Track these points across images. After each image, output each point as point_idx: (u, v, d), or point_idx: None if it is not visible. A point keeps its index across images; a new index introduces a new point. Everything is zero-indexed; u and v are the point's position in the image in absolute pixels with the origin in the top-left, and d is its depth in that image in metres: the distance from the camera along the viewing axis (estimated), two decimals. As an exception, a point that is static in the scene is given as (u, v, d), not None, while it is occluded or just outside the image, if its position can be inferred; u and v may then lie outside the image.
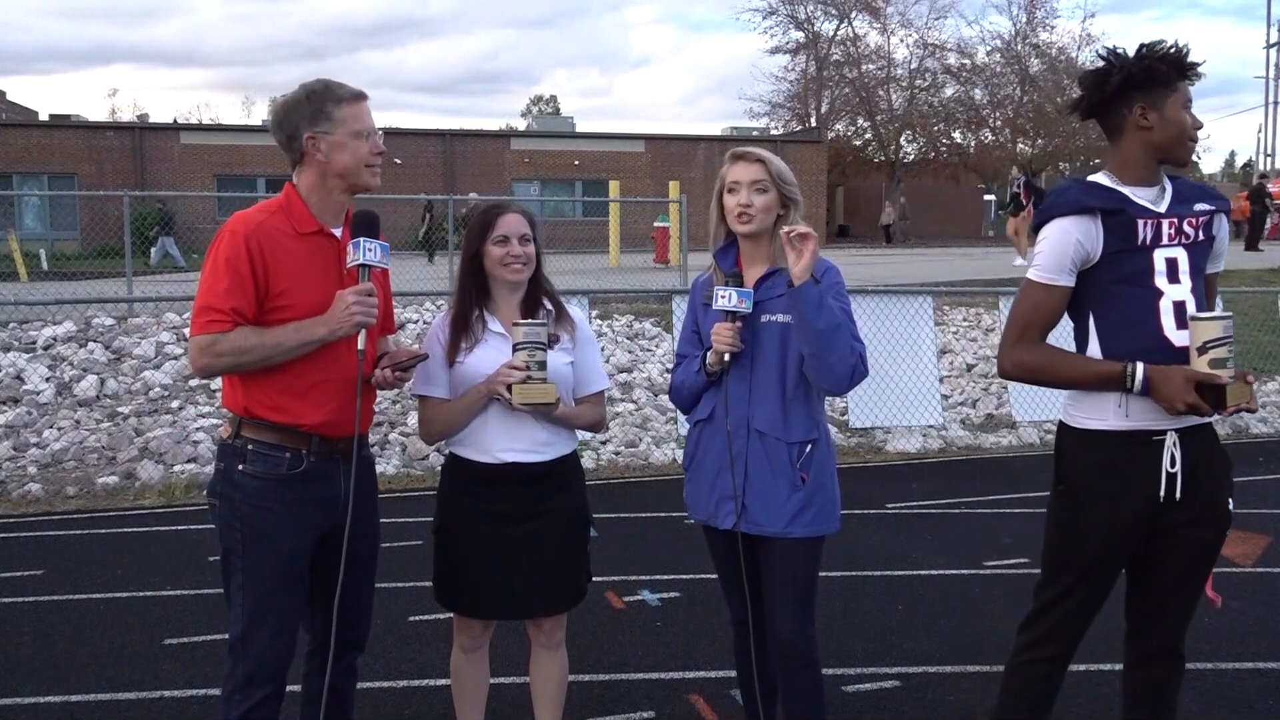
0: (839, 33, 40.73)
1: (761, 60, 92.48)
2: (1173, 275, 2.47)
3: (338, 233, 2.64)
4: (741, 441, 2.76)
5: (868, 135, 41.58)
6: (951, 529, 6.03)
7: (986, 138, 41.55)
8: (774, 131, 40.58)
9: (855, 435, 8.32)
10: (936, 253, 25.87)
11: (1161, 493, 2.47)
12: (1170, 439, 2.47)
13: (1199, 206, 2.51)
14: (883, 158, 40.69)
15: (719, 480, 2.80)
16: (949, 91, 40.44)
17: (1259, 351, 11.18)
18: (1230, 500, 2.56)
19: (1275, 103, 35.17)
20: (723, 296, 2.71)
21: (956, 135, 41.37)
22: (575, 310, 3.01)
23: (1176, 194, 2.53)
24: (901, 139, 40.98)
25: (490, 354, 2.81)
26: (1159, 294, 2.46)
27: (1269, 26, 45.95)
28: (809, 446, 2.72)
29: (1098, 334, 2.51)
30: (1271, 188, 26.58)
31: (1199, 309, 2.47)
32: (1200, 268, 2.52)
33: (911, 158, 41.50)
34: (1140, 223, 2.47)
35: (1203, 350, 2.35)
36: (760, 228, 2.75)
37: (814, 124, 40.22)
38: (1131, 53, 2.50)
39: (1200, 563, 2.57)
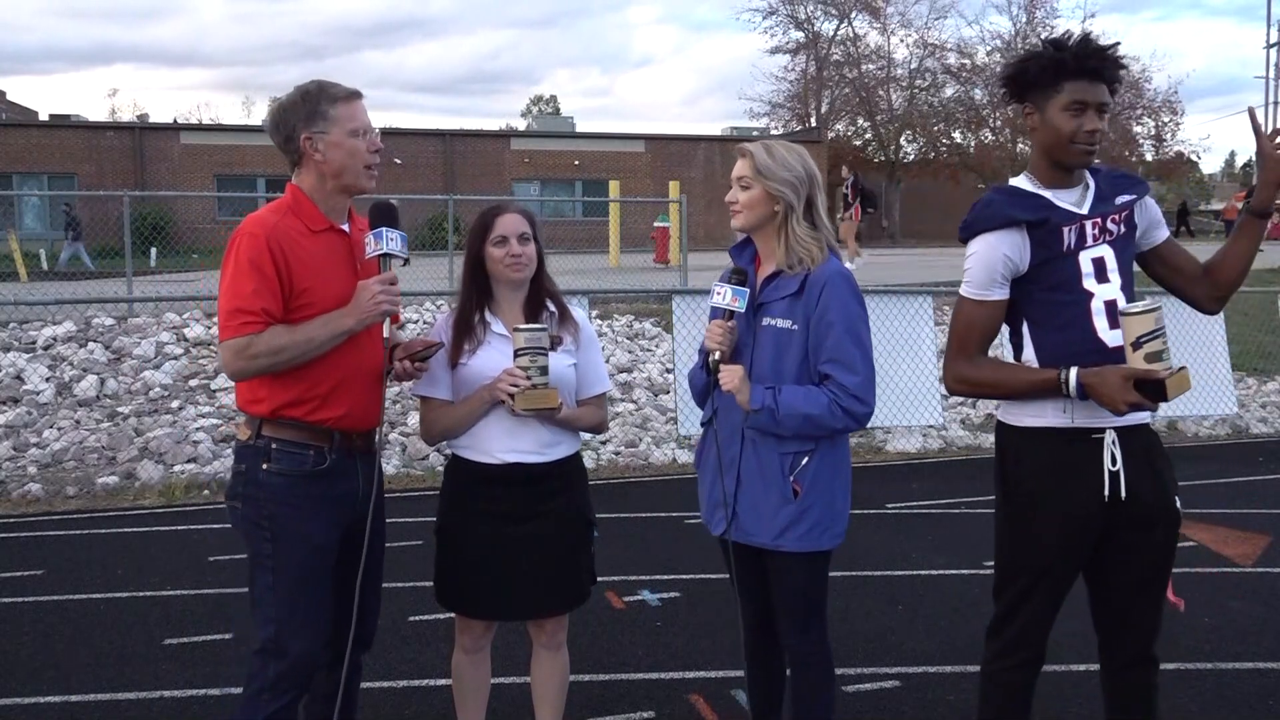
0: (839, 33, 40.78)
1: (761, 60, 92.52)
2: (1101, 275, 2.47)
3: (345, 229, 2.65)
4: (735, 447, 2.71)
5: (868, 135, 41.59)
6: (951, 529, 6.03)
7: (986, 138, 41.55)
8: (774, 131, 40.58)
9: (855, 435, 8.31)
10: (936, 253, 25.85)
11: (1106, 492, 2.47)
12: (1109, 437, 2.47)
13: (1121, 199, 2.51)
14: (883, 158, 40.69)
15: (716, 484, 2.77)
16: (949, 91, 40.46)
17: (1259, 351, 11.19)
18: (1177, 498, 2.55)
19: (1275, 103, 35.15)
20: (718, 294, 2.66)
21: (956, 135, 41.37)
22: (578, 311, 3.00)
23: (1099, 192, 2.52)
24: (901, 139, 40.99)
25: (493, 356, 2.80)
26: (1089, 296, 2.46)
27: (1269, 26, 45.93)
28: (805, 457, 2.63)
29: (1032, 340, 2.53)
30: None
31: (1130, 303, 2.46)
32: (1129, 260, 2.53)
33: (911, 158, 41.49)
34: (1065, 230, 2.46)
35: (1137, 345, 2.33)
36: (749, 224, 2.70)
37: (814, 124, 40.24)
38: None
39: (1158, 566, 2.55)
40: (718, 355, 2.66)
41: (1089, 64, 2.41)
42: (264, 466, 2.54)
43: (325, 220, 2.60)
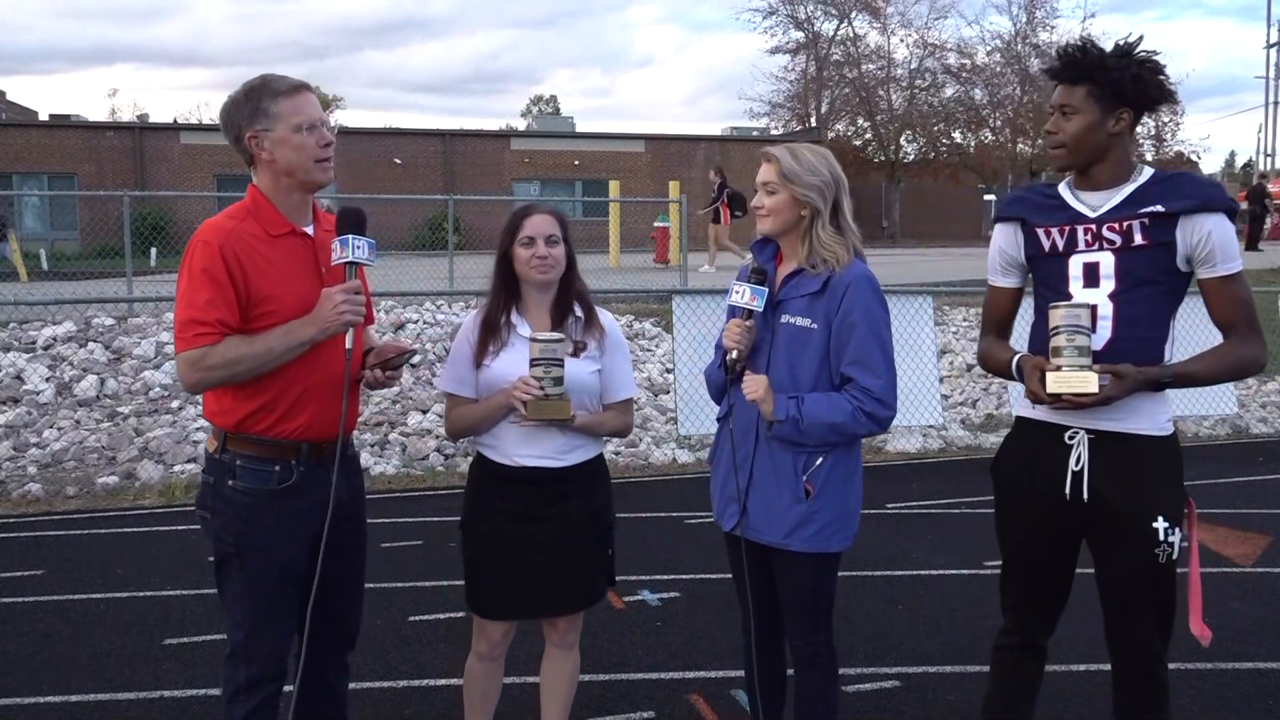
0: (839, 33, 40.75)
1: (762, 60, 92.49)
2: (1090, 280, 2.50)
3: (309, 230, 2.59)
4: (749, 445, 2.71)
5: (868, 135, 41.55)
6: (951, 529, 6.03)
7: (986, 138, 41.53)
8: (774, 131, 40.58)
9: (855, 435, 8.30)
10: (936, 253, 25.85)
11: (1067, 490, 2.51)
12: (1079, 436, 2.51)
13: (1148, 209, 2.45)
14: (883, 158, 40.67)
15: (729, 481, 2.77)
16: (949, 91, 40.43)
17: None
18: (1162, 520, 2.46)
19: (1275, 103, 35.16)
20: (736, 292, 2.66)
21: (956, 135, 41.35)
22: (606, 316, 2.98)
23: (1131, 198, 2.49)
24: (901, 139, 40.97)
25: (516, 358, 2.80)
26: (1068, 299, 2.50)
27: (1269, 26, 45.96)
28: (819, 458, 2.63)
29: (1030, 334, 2.66)
30: (1271, 188, 26.61)
31: (1119, 313, 2.45)
32: (1138, 273, 2.46)
33: (911, 158, 41.49)
34: (1042, 231, 2.57)
35: (1050, 339, 2.44)
36: (775, 229, 2.69)
37: (814, 124, 40.23)
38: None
39: (1136, 580, 2.51)
40: (735, 354, 2.67)
41: (1051, 70, 2.56)
42: (229, 483, 2.51)
43: (286, 224, 2.53)
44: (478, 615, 2.96)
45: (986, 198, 44.66)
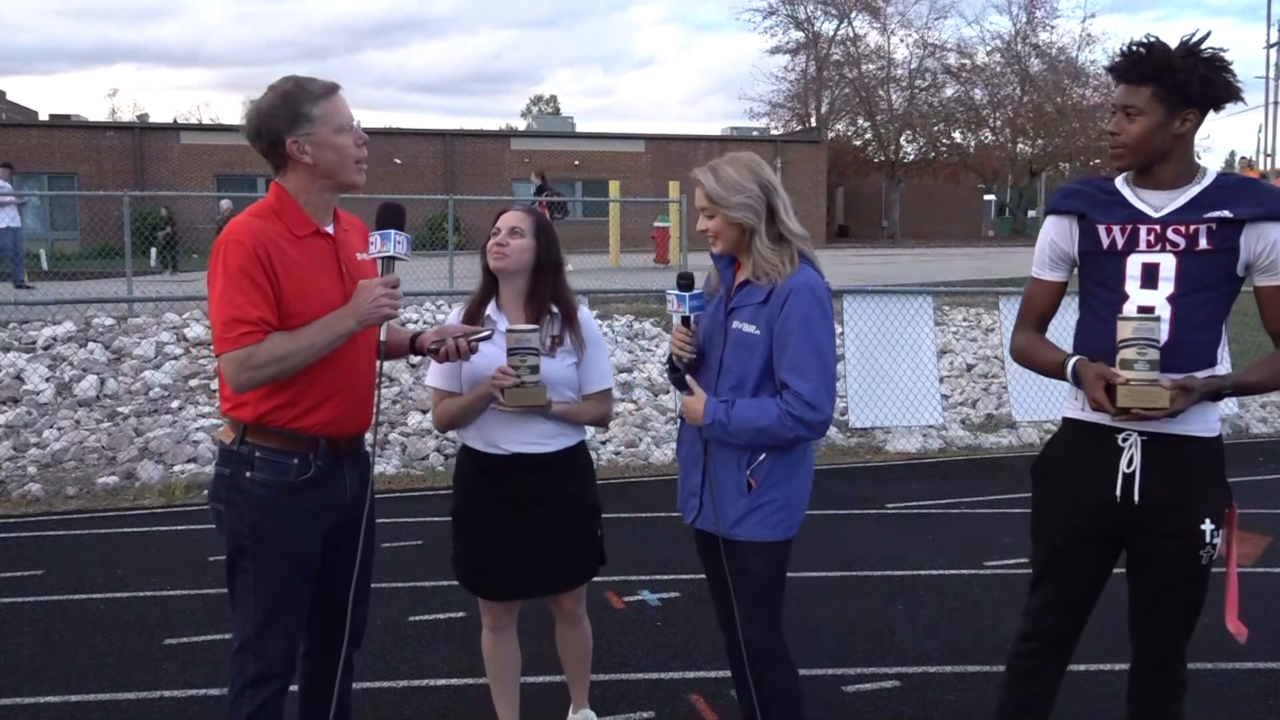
0: (839, 33, 40.84)
1: (762, 60, 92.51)
2: (1148, 281, 2.45)
3: (330, 230, 2.61)
4: (700, 442, 2.80)
5: (868, 135, 41.62)
6: (951, 529, 6.03)
7: (986, 138, 41.58)
8: (774, 131, 40.60)
9: (855, 435, 8.31)
10: (936, 253, 25.88)
11: (1118, 492, 2.48)
12: (1132, 439, 2.47)
13: (1215, 214, 2.40)
14: (883, 158, 40.71)
15: (689, 476, 2.88)
16: (949, 91, 40.52)
17: (1259, 351, 11.17)
18: (1209, 522, 2.48)
19: (1275, 103, 35.11)
20: (669, 302, 2.81)
21: (956, 135, 41.40)
22: (584, 314, 3.10)
23: (1196, 200, 2.44)
24: (901, 139, 41.02)
25: (496, 352, 2.93)
26: (1124, 298, 2.47)
27: (1269, 26, 45.98)
28: (761, 454, 2.69)
29: (1076, 331, 2.62)
30: (1272, 187, 26.59)
31: (1177, 316, 2.43)
32: (1199, 277, 2.43)
33: (911, 158, 41.52)
34: (1102, 228, 2.49)
35: (1119, 350, 2.39)
36: (726, 249, 2.74)
37: (814, 124, 40.27)
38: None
39: (1172, 582, 2.51)
40: (684, 360, 2.79)
41: (1114, 69, 2.49)
42: (247, 475, 2.51)
43: (310, 224, 2.54)
44: (474, 595, 3.11)
45: (986, 198, 44.72)
